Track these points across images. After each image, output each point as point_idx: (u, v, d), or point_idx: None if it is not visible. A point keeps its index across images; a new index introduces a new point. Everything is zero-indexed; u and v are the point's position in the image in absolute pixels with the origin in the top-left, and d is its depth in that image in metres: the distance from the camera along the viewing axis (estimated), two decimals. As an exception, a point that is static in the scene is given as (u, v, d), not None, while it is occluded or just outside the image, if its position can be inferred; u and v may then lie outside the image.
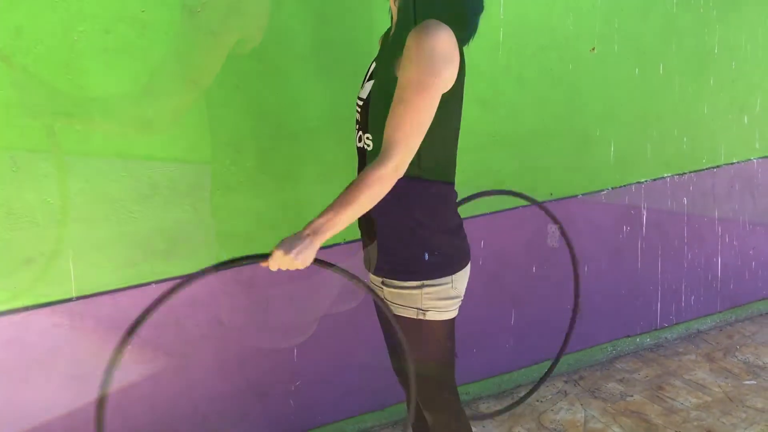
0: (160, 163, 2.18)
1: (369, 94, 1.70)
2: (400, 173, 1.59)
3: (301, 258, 1.58)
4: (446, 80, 1.61)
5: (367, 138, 1.72)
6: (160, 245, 2.22)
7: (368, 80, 1.75)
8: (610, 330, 3.15)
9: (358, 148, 1.79)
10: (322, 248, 2.50)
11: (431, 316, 1.72)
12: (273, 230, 2.37)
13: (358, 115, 1.78)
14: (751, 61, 3.27)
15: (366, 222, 1.79)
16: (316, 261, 1.65)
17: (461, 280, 1.76)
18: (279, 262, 1.60)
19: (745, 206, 3.41)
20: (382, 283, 1.79)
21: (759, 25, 3.25)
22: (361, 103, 1.73)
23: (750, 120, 3.33)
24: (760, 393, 2.86)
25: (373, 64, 1.79)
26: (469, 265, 1.78)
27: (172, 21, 2.12)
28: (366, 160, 1.75)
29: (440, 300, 1.72)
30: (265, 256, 1.63)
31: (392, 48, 1.68)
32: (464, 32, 1.69)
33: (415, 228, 1.70)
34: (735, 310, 3.50)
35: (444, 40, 1.59)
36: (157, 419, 2.31)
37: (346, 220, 1.59)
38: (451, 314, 1.75)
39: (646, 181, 3.11)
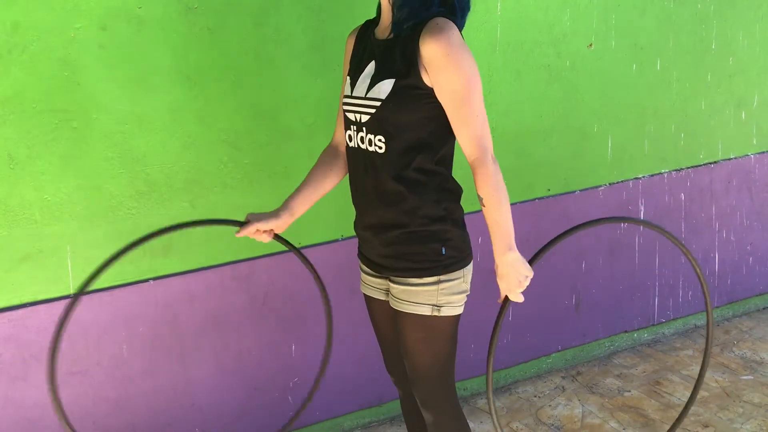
0: (157, 160, 2.18)
1: (389, 95, 1.66)
2: (495, 158, 1.69)
3: (524, 276, 1.72)
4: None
5: (379, 140, 1.69)
6: (158, 242, 2.23)
7: (378, 79, 1.69)
8: (607, 325, 3.16)
9: (363, 150, 1.74)
10: (315, 246, 2.51)
11: (445, 311, 1.74)
12: (270, 227, 2.38)
13: (359, 116, 1.73)
14: (749, 57, 3.27)
15: (375, 222, 1.76)
16: (532, 259, 1.82)
17: (470, 274, 1.79)
18: (517, 294, 1.74)
19: (742, 202, 3.41)
20: (390, 281, 1.78)
21: (756, 21, 3.25)
22: (378, 104, 1.68)
23: (747, 116, 3.33)
24: (757, 388, 2.87)
25: (372, 63, 1.73)
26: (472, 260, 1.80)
27: (169, 18, 2.12)
28: (377, 162, 1.71)
29: (454, 295, 1.74)
30: (505, 301, 1.78)
31: (402, 47, 1.66)
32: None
33: (432, 224, 1.71)
34: (732, 305, 3.51)
35: (459, 34, 1.65)
36: (156, 415, 2.31)
37: (508, 220, 1.70)
38: (460, 309, 1.77)
39: (643, 176, 3.11)
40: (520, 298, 1.74)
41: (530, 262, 1.79)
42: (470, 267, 1.78)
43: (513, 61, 2.70)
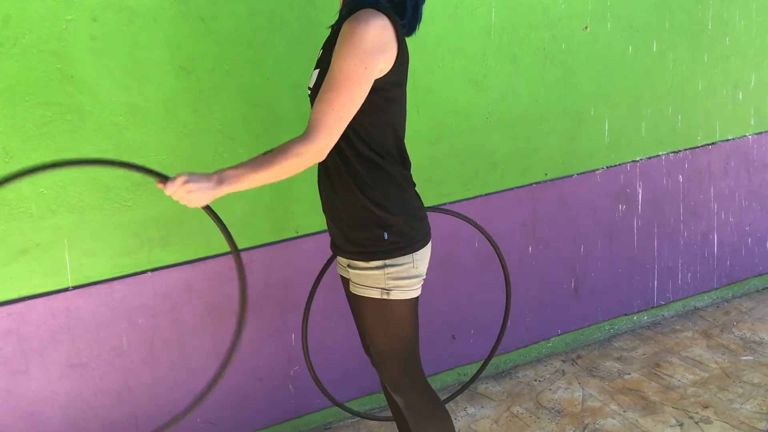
0: (152, 151, 2.18)
1: (314, 84, 1.72)
2: (321, 157, 1.64)
3: (196, 197, 1.60)
4: (376, 70, 1.63)
5: None
6: (155, 233, 2.23)
7: (313, 69, 1.76)
8: (607, 309, 3.16)
9: None
10: (312, 234, 2.51)
11: (395, 295, 1.76)
12: (266, 215, 2.38)
13: (310, 105, 1.78)
14: (745, 37, 3.26)
15: (328, 206, 1.82)
16: (207, 208, 1.68)
17: (423, 260, 1.80)
18: (176, 188, 1.61)
19: (740, 183, 3.41)
20: (348, 265, 1.82)
21: (753, 1, 3.23)
22: (309, 92, 1.75)
23: (745, 96, 3.32)
24: (756, 368, 2.87)
25: (321, 51, 1.79)
26: (429, 245, 1.82)
27: (161, 7, 2.11)
28: None
29: (402, 279, 1.76)
30: (166, 178, 1.63)
31: (334, 36, 1.70)
32: (403, 20, 1.70)
33: (374, 209, 1.73)
34: (731, 286, 3.51)
35: (376, 29, 1.60)
36: (157, 405, 2.32)
37: (255, 181, 1.61)
38: (414, 293, 1.79)
39: (641, 159, 3.10)
40: (168, 191, 1.62)
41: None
42: (424, 252, 1.79)
43: (508, 45, 2.68)
